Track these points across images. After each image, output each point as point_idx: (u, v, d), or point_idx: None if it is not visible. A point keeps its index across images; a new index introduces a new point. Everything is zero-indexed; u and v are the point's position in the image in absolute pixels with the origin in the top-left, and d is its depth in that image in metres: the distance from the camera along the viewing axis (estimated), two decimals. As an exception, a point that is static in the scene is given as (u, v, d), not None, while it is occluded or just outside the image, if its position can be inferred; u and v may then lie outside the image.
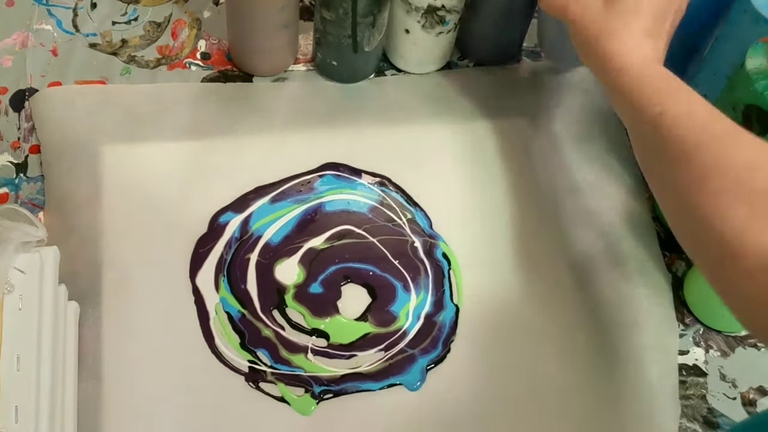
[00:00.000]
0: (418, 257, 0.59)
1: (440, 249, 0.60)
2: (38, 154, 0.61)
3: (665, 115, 0.46)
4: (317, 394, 0.53)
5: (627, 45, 0.49)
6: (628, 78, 0.48)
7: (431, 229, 0.61)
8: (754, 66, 0.51)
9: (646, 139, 0.48)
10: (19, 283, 0.48)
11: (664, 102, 0.46)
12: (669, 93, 0.47)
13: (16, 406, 0.45)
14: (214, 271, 0.57)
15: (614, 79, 0.49)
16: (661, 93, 0.47)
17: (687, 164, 0.44)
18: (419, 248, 0.59)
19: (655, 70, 0.49)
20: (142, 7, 0.70)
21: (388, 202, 0.61)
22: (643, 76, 0.48)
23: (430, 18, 0.64)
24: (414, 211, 0.61)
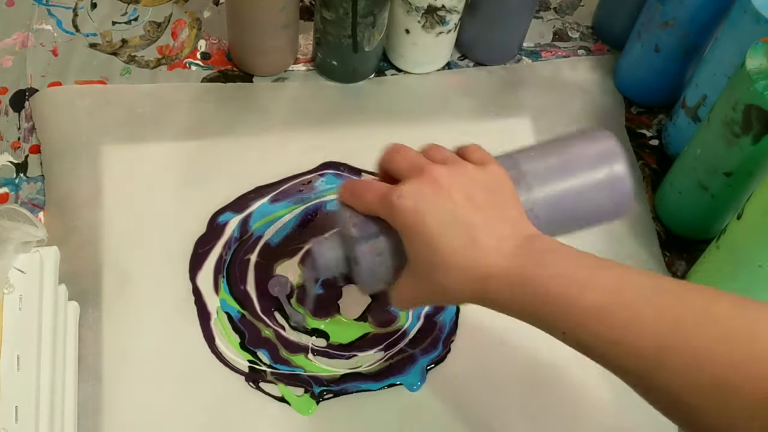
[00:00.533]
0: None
1: None
2: (38, 154, 0.61)
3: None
4: (317, 394, 0.53)
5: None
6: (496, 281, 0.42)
7: None
8: (754, 66, 0.50)
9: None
10: (19, 283, 0.48)
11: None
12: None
13: (16, 406, 0.45)
14: (213, 271, 0.57)
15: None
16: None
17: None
18: None
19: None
20: (142, 7, 0.70)
21: None
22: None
23: (430, 18, 0.64)
24: None
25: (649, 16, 0.64)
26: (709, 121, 0.55)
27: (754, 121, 0.51)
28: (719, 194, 0.57)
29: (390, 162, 0.46)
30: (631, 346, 0.38)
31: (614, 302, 0.39)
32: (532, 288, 0.41)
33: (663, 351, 0.37)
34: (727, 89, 0.53)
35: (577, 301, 0.39)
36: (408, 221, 0.42)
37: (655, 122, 0.69)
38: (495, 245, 0.42)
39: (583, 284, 0.40)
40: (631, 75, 0.69)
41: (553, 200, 0.46)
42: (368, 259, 0.45)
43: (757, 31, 0.53)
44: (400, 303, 0.47)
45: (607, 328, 0.38)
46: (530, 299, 0.41)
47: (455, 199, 0.42)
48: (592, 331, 0.39)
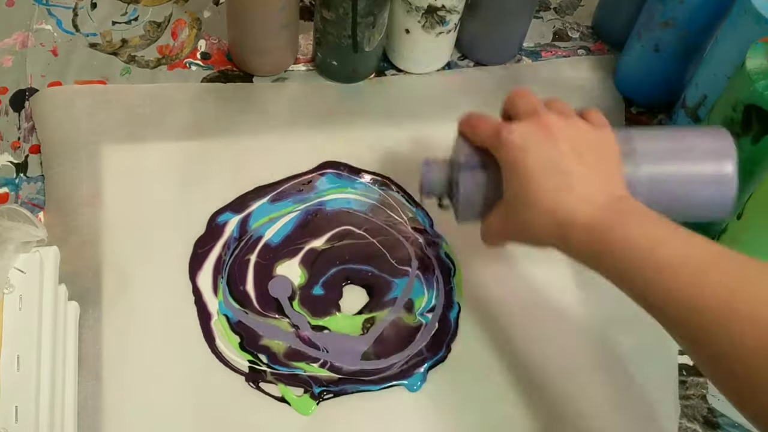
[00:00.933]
0: (419, 257, 0.59)
1: (442, 249, 0.60)
2: (38, 154, 0.61)
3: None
4: (317, 394, 0.53)
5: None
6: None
7: (432, 228, 0.61)
8: (754, 66, 0.50)
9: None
10: (19, 283, 0.48)
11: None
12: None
13: (16, 406, 0.45)
14: (212, 272, 0.57)
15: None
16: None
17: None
18: (421, 248, 0.59)
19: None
20: (142, 7, 0.70)
21: (389, 202, 0.61)
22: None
23: (430, 18, 0.64)
24: (415, 210, 0.61)
25: (649, 16, 0.64)
26: (709, 121, 0.55)
27: (754, 121, 0.51)
28: (719, 194, 0.57)
29: (511, 102, 0.48)
30: (694, 304, 0.39)
31: (683, 260, 0.40)
32: (609, 238, 0.43)
33: (719, 313, 0.38)
34: (727, 89, 0.53)
35: (648, 255, 0.41)
36: (511, 157, 0.45)
37: (655, 122, 0.69)
38: (586, 196, 0.44)
39: (658, 241, 0.41)
40: (631, 75, 0.69)
41: (656, 182, 0.47)
42: (468, 187, 0.48)
43: (757, 31, 0.53)
44: (488, 235, 0.49)
45: (672, 283, 0.40)
46: (606, 249, 0.43)
47: (561, 147, 0.45)
48: (659, 286, 0.40)
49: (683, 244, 0.42)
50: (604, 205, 0.44)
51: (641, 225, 0.43)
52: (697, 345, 0.40)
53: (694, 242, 0.42)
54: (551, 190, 0.44)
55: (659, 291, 0.41)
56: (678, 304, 0.40)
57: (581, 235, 0.44)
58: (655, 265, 0.41)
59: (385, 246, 0.59)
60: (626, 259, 0.42)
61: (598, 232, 0.43)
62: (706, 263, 0.40)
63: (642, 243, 0.42)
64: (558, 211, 0.44)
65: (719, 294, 0.38)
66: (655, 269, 0.41)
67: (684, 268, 0.40)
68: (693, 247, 0.41)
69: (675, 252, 0.41)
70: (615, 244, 0.42)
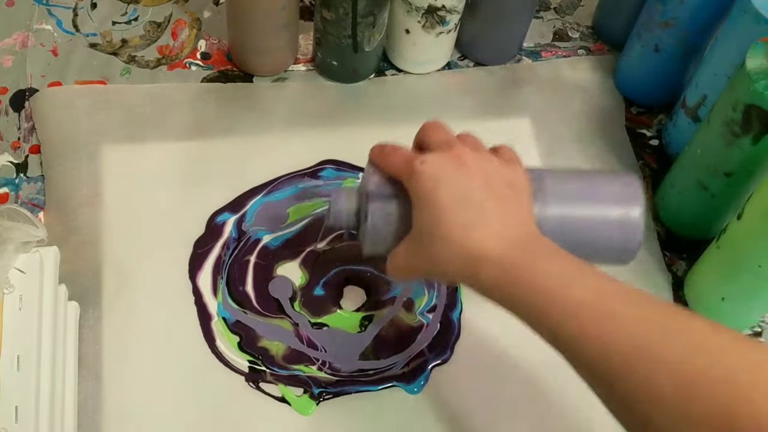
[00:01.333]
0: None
1: None
2: (38, 154, 0.61)
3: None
4: (316, 395, 0.53)
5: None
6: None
7: None
8: (754, 66, 0.50)
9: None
10: (19, 283, 0.48)
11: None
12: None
13: (16, 406, 0.45)
14: (212, 272, 0.57)
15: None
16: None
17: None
18: None
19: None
20: (142, 7, 0.70)
21: None
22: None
23: (430, 18, 0.64)
24: None
25: (649, 16, 0.64)
26: (709, 121, 0.55)
27: (754, 121, 0.51)
28: (719, 194, 0.57)
29: (424, 133, 0.47)
30: (603, 346, 0.38)
31: (594, 301, 0.39)
32: (519, 276, 0.41)
33: (632, 353, 0.37)
34: (727, 89, 0.53)
35: (559, 296, 0.40)
36: (423, 187, 0.44)
37: (655, 122, 0.69)
38: (498, 232, 0.42)
39: (569, 280, 0.40)
40: (631, 75, 0.69)
41: (564, 222, 0.46)
42: (376, 218, 0.46)
43: (757, 31, 0.53)
44: (395, 269, 0.47)
45: (582, 325, 0.39)
46: (516, 288, 0.41)
47: (474, 180, 0.43)
48: (569, 326, 0.39)
49: (594, 285, 0.40)
50: (516, 242, 0.42)
51: (552, 264, 0.41)
52: (610, 389, 0.39)
53: (604, 284, 0.40)
54: (462, 224, 0.42)
55: (570, 333, 0.39)
56: (589, 347, 0.39)
57: (492, 272, 0.42)
58: (566, 306, 0.40)
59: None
60: (537, 299, 0.41)
61: (510, 270, 0.41)
62: (618, 306, 0.39)
63: (552, 283, 0.40)
64: (469, 246, 0.42)
65: (630, 338, 0.37)
66: (566, 311, 0.39)
67: (594, 311, 0.39)
68: (604, 290, 0.40)
69: (585, 293, 0.40)
70: (525, 283, 0.41)
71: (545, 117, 0.67)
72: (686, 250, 0.62)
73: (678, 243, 0.63)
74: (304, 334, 0.55)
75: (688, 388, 0.35)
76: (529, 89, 0.69)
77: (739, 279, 0.54)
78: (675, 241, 0.63)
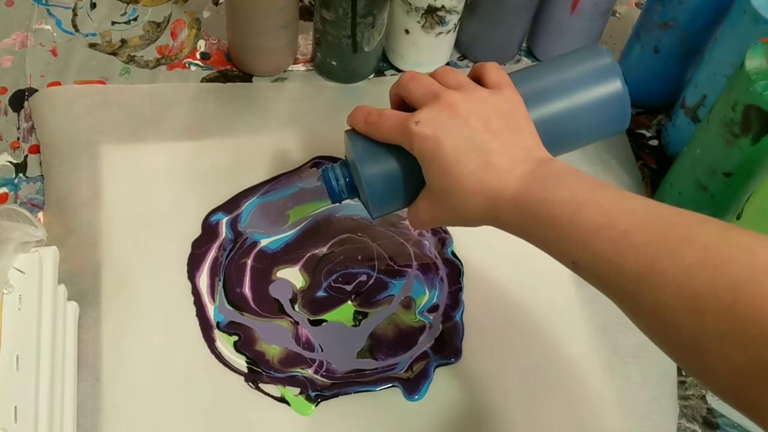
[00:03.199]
0: (420, 258, 0.59)
1: (450, 248, 0.60)
2: (38, 154, 0.61)
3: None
4: (312, 397, 0.53)
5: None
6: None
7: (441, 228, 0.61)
8: (753, 66, 0.51)
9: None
10: (18, 283, 0.48)
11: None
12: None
13: (15, 407, 0.44)
14: (210, 273, 0.57)
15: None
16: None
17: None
18: (427, 248, 0.59)
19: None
20: (141, 7, 0.70)
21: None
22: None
23: (430, 18, 0.64)
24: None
25: (649, 17, 0.64)
26: (708, 122, 0.55)
27: (754, 122, 0.51)
28: (719, 194, 0.57)
29: (405, 89, 0.47)
30: (620, 266, 0.38)
31: (607, 223, 0.40)
32: (533, 211, 0.42)
33: (647, 272, 0.37)
34: (726, 89, 0.53)
35: (573, 220, 0.40)
36: (426, 147, 0.44)
37: (654, 122, 0.69)
38: (508, 168, 0.43)
39: (580, 204, 0.41)
40: (631, 76, 0.69)
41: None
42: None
43: (757, 32, 0.53)
44: (418, 223, 0.48)
45: (598, 248, 0.39)
46: (533, 221, 0.42)
47: (472, 124, 0.44)
48: (586, 250, 0.40)
49: (607, 205, 0.40)
50: (526, 173, 0.43)
51: (563, 188, 0.42)
52: (626, 306, 0.40)
53: (617, 203, 0.41)
54: (473, 171, 0.43)
55: (588, 255, 0.40)
56: (604, 268, 0.39)
57: (509, 209, 0.43)
58: (579, 229, 0.40)
59: (385, 249, 0.59)
60: (553, 226, 0.41)
61: (524, 204, 0.42)
62: (630, 224, 0.39)
63: (565, 208, 0.41)
64: (483, 190, 0.43)
65: (643, 258, 0.38)
66: (580, 234, 0.40)
67: (606, 231, 0.39)
68: (616, 210, 0.40)
69: (598, 214, 0.40)
70: (540, 213, 0.42)
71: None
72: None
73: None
74: (303, 333, 0.55)
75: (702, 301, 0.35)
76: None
77: (739, 279, 0.54)
78: (674, 242, 0.63)
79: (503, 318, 0.58)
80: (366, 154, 0.47)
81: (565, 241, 0.41)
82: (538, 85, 0.48)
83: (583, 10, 0.66)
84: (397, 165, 0.46)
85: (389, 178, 0.47)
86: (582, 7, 0.65)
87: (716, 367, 0.35)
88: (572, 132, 0.48)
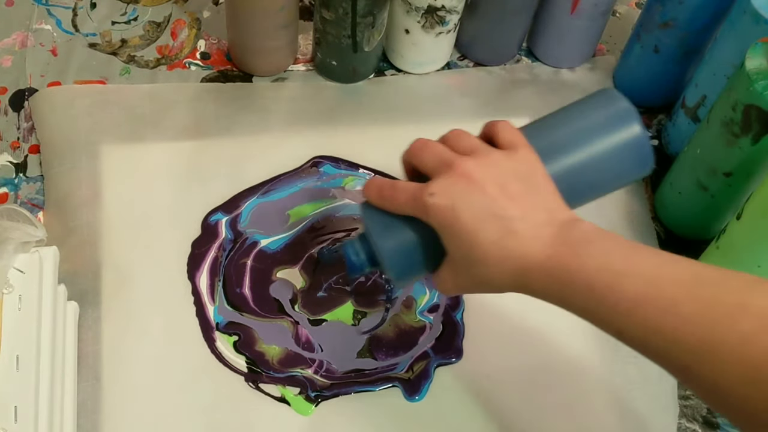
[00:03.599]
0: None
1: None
2: (38, 154, 0.61)
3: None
4: (312, 397, 0.53)
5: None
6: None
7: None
8: (753, 66, 0.50)
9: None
10: (18, 283, 0.48)
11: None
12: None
13: (15, 407, 0.45)
14: (210, 273, 0.57)
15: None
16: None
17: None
18: None
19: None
20: (141, 7, 0.70)
21: None
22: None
23: (430, 18, 0.64)
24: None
25: (649, 16, 0.64)
26: (708, 122, 0.55)
27: (754, 121, 0.51)
28: (719, 194, 0.57)
29: (417, 158, 0.45)
30: (672, 339, 0.37)
31: (653, 293, 0.38)
32: (567, 278, 0.40)
33: (701, 343, 0.36)
34: (726, 89, 0.53)
35: (614, 289, 0.39)
36: (444, 219, 0.42)
37: (654, 122, 0.69)
38: (532, 234, 0.41)
39: (620, 273, 0.39)
40: (631, 76, 0.69)
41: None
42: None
43: (757, 32, 0.53)
44: (445, 290, 0.46)
45: (646, 319, 0.38)
46: (570, 290, 0.40)
47: (489, 192, 0.42)
48: (633, 321, 0.38)
49: (648, 272, 0.39)
50: (553, 238, 0.41)
51: (597, 256, 0.40)
52: (684, 378, 0.38)
53: (658, 269, 0.39)
54: (495, 241, 0.41)
55: (635, 327, 0.38)
56: (655, 341, 0.38)
57: (541, 278, 0.41)
58: (624, 301, 0.39)
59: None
60: (593, 298, 0.39)
61: (557, 273, 0.41)
62: (677, 293, 0.38)
63: (604, 278, 0.39)
64: (509, 259, 0.41)
65: (696, 329, 0.36)
66: (626, 306, 0.38)
67: (652, 302, 0.38)
68: (659, 277, 0.39)
69: (640, 283, 0.38)
70: (577, 283, 0.40)
71: (545, 117, 0.67)
72: (686, 250, 0.62)
73: (677, 243, 0.63)
74: (303, 333, 0.55)
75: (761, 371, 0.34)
76: (529, 89, 0.69)
77: (739, 279, 0.54)
78: (674, 241, 0.63)
79: (504, 318, 0.58)
80: (383, 228, 0.45)
81: (609, 312, 0.39)
82: (553, 139, 0.46)
83: (583, 10, 0.66)
84: (416, 236, 0.45)
85: (408, 251, 0.45)
86: (582, 7, 0.65)
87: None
88: (594, 183, 0.46)
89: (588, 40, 0.70)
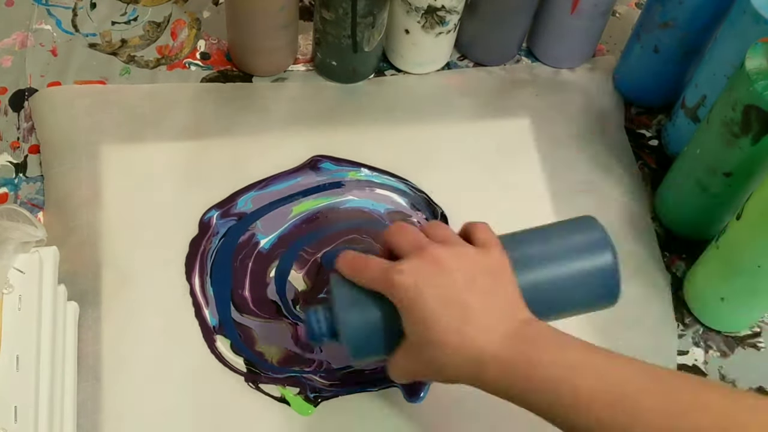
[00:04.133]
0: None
1: None
2: (38, 154, 0.61)
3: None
4: (311, 398, 0.53)
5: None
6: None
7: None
8: (753, 66, 0.50)
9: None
10: (18, 283, 0.48)
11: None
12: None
13: (15, 407, 0.45)
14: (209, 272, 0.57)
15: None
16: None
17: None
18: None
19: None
20: (141, 7, 0.70)
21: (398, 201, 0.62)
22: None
23: (430, 18, 0.64)
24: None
25: (649, 16, 0.64)
26: (708, 122, 0.55)
27: (754, 122, 0.51)
28: (719, 194, 0.57)
29: (393, 238, 0.46)
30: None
31: (606, 388, 0.39)
32: (522, 372, 0.41)
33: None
34: (726, 89, 0.53)
35: (569, 387, 0.40)
36: (407, 297, 0.43)
37: (654, 122, 0.69)
38: (489, 327, 0.42)
39: (574, 368, 0.40)
40: (631, 76, 0.69)
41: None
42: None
43: (757, 31, 0.53)
44: (396, 375, 0.47)
45: (599, 418, 0.39)
46: (523, 384, 0.41)
47: (455, 279, 0.43)
48: (582, 415, 0.39)
49: (601, 368, 0.40)
50: (510, 334, 0.42)
51: (553, 352, 0.41)
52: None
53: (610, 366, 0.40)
54: (453, 327, 0.42)
55: (595, 423, 0.39)
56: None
57: (493, 372, 0.42)
58: (577, 398, 0.39)
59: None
60: (547, 391, 0.40)
61: (510, 367, 0.41)
62: (629, 391, 0.39)
63: (559, 374, 0.40)
64: (466, 348, 0.42)
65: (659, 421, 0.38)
66: (579, 403, 0.39)
67: (606, 401, 0.39)
68: (612, 373, 0.40)
69: (595, 379, 0.40)
70: (531, 378, 0.41)
71: (545, 117, 0.67)
72: (685, 250, 0.62)
73: (677, 243, 0.63)
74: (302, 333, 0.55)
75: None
76: (529, 90, 0.69)
77: (739, 279, 0.54)
78: (674, 241, 0.63)
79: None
80: (347, 301, 0.45)
81: (564, 409, 0.40)
82: (527, 251, 0.46)
83: (583, 10, 0.66)
84: (379, 316, 0.45)
85: (369, 329, 0.45)
86: (582, 7, 0.65)
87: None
88: (558, 301, 0.47)
89: (588, 40, 0.70)
